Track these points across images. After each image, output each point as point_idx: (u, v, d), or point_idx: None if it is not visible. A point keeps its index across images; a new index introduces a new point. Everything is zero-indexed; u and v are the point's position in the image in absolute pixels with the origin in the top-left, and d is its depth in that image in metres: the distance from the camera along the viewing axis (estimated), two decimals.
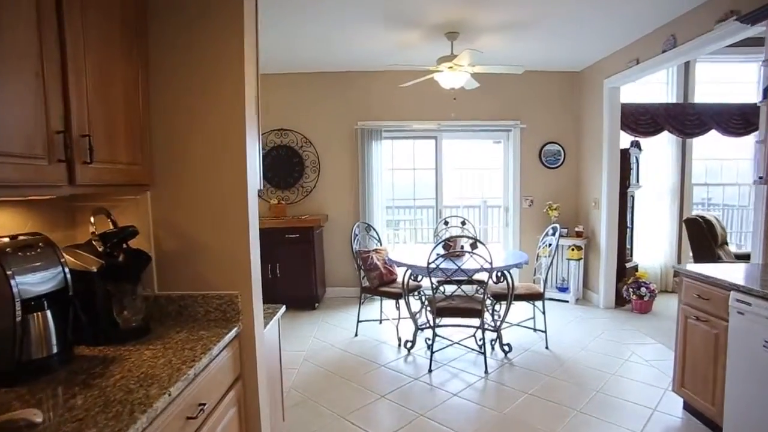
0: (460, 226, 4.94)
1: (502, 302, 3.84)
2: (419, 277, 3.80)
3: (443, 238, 4.76)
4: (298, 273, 5.08)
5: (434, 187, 5.68)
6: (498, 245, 6.03)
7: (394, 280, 4.25)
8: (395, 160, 5.77)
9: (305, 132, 5.63)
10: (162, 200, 1.73)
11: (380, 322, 4.54)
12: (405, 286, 3.78)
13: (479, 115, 5.47)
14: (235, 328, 1.67)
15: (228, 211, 1.73)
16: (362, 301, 4.28)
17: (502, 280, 3.62)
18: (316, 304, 5.22)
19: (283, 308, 2.47)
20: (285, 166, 5.64)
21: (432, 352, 3.54)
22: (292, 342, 4.15)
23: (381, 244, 4.70)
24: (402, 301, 3.86)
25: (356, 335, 4.27)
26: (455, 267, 3.32)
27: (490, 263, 3.28)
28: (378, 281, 4.15)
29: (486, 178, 6.03)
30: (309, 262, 5.06)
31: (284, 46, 4.55)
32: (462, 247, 3.75)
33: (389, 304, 4.47)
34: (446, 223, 4.98)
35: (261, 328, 1.86)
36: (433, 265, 3.33)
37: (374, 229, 4.75)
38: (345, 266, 5.61)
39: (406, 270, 3.73)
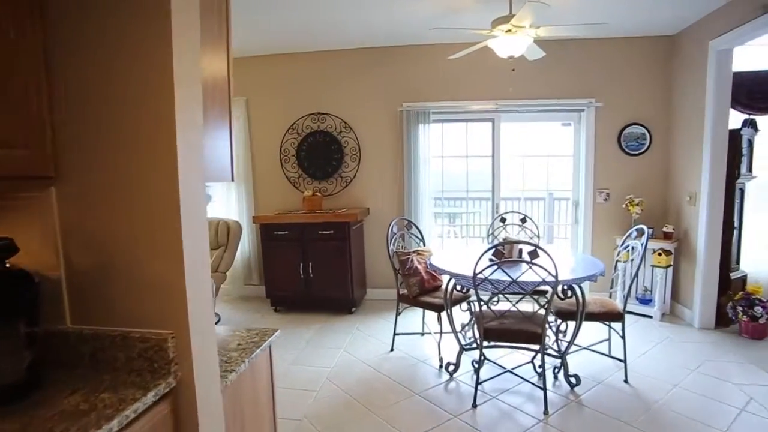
0: (520, 224, 4.18)
1: (570, 321, 3.09)
2: (466, 288, 3.14)
3: (497, 239, 4.04)
4: (333, 273, 4.57)
5: (490, 177, 4.93)
6: (565, 243, 5.19)
7: (438, 288, 3.61)
8: (445, 147, 5.08)
9: (344, 116, 5.09)
10: (73, 200, 1.22)
11: (422, 335, 3.93)
12: (447, 297, 3.13)
13: (544, 92, 4.63)
14: (161, 387, 1.14)
15: (155, 218, 1.19)
16: (399, 311, 3.69)
17: (569, 294, 2.87)
18: (353, 309, 4.70)
19: (277, 333, 1.92)
20: (322, 154, 5.14)
21: (478, 382, 2.88)
22: (318, 355, 3.65)
23: (424, 244, 4.07)
24: (444, 314, 3.22)
25: (392, 350, 3.69)
26: (509, 279, 2.63)
27: (555, 276, 2.55)
28: (418, 289, 3.53)
29: (552, 166, 5.17)
30: (344, 261, 4.54)
31: (317, 20, 4.01)
32: (519, 254, 3.04)
33: (433, 314, 3.85)
34: (503, 220, 4.24)
35: (212, 386, 1.32)
36: (480, 276, 2.66)
37: (416, 227, 4.12)
38: (388, 266, 4.97)
39: (450, 278, 3.08)
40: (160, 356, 1.19)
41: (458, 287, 3.12)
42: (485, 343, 2.82)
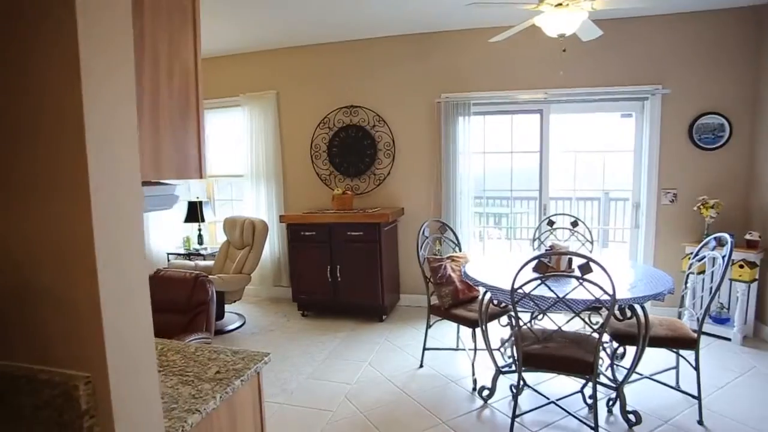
0: (570, 228, 3.69)
1: (629, 346, 2.61)
2: (504, 304, 2.72)
3: (544, 246, 3.58)
4: (362, 278, 4.26)
5: (537, 175, 4.44)
6: (623, 247, 4.61)
7: (474, 299, 3.21)
8: (487, 141, 4.63)
9: (378, 109, 4.76)
10: None
11: (456, 351, 3.54)
12: (482, 311, 2.73)
13: (601, 78, 4.08)
14: None
15: (60, 223, 0.90)
16: (430, 323, 3.32)
17: (629, 315, 2.39)
18: (384, 317, 4.37)
19: (266, 359, 1.62)
20: (355, 149, 4.84)
21: (515, 412, 2.46)
22: (340, 368, 3.34)
23: (460, 249, 3.67)
24: (479, 331, 2.82)
25: (421, 366, 3.33)
26: (555, 296, 2.20)
27: (612, 294, 2.10)
28: (451, 300, 3.15)
29: (609, 163, 4.60)
30: (375, 265, 4.21)
31: (347, 7, 3.72)
32: (569, 264, 2.59)
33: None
34: (551, 223, 3.77)
35: None
36: (520, 292, 2.25)
37: (451, 230, 3.72)
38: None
39: (485, 291, 2.68)
40: (70, 406, 0.91)
41: (495, 301, 2.71)
42: (525, 368, 2.41)
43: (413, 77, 4.59)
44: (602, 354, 2.59)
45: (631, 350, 2.60)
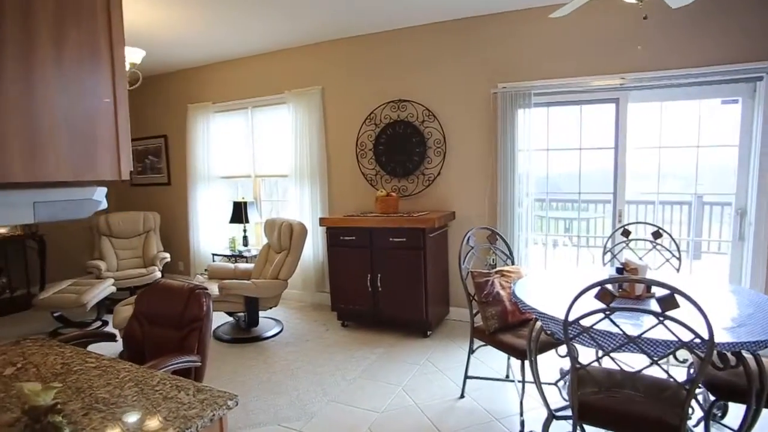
0: (651, 240, 3.03)
1: (734, 402, 1.98)
2: (558, 335, 2.19)
3: (617, 261, 2.98)
4: (404, 289, 3.86)
5: (611, 175, 3.78)
6: (720, 261, 3.79)
7: (526, 322, 2.70)
8: (551, 136, 4.03)
9: (427, 102, 4.33)
10: None
11: (506, 378, 3.03)
12: (532, 340, 2.23)
13: (694, 56, 3.34)
14: None
15: None
16: (473, 348, 2.84)
17: (735, 363, 1.78)
18: (428, 332, 3.93)
19: (231, 403, 1.28)
20: (402, 147, 4.45)
21: None
22: (369, 392, 2.97)
23: (512, 262, 3.14)
24: (527, 363, 2.31)
25: (462, 396, 2.87)
26: (623, 334, 1.66)
27: (709, 338, 1.53)
28: (498, 323, 2.65)
29: (704, 160, 3.80)
30: (418, 275, 3.79)
31: None
32: (646, 290, 2.01)
33: None
34: (626, 233, 3.13)
35: None
36: (577, 326, 1.73)
37: (502, 238, 3.19)
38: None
39: (535, 318, 2.18)
40: None
41: (550, 332, 2.20)
42: (583, 422, 1.88)
43: (466, 66, 4.11)
44: (694, 406, 1.99)
45: (736, 408, 1.97)
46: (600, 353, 1.74)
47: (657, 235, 2.99)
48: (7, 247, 5.35)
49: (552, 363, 2.67)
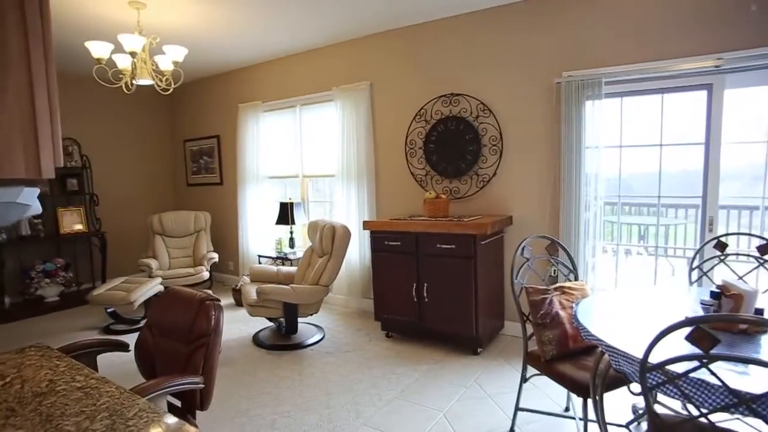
0: (758, 255, 2.46)
1: None
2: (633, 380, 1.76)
3: (712, 283, 2.46)
4: (453, 300, 3.51)
5: (701, 175, 3.19)
6: None
7: (590, 349, 2.27)
8: (626, 131, 3.49)
9: (482, 96, 3.94)
10: None
11: (565, 413, 2.59)
12: (597, 377, 1.81)
13: None
14: None
15: None
16: (526, 377, 2.43)
17: None
18: (479, 349, 3.54)
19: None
20: (454, 145, 4.09)
21: None
22: (405, 417, 2.65)
23: (575, 277, 2.69)
24: (590, 402, 1.90)
25: (512, 430, 2.47)
26: (725, 390, 1.23)
27: None
28: (556, 349, 2.24)
29: None
30: (467, 285, 3.42)
31: None
32: (755, 327, 1.54)
33: None
34: (721, 246, 2.57)
35: None
36: (660, 373, 1.32)
37: (563, 249, 2.74)
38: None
39: (600, 349, 1.77)
40: None
41: (617, 364, 1.77)
42: None
43: (526, 54, 3.68)
44: None
45: None
46: (691, 407, 1.32)
47: (765, 249, 2.42)
48: (75, 243, 5.60)
49: (623, 398, 2.22)
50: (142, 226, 6.03)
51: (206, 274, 5.07)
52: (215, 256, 5.31)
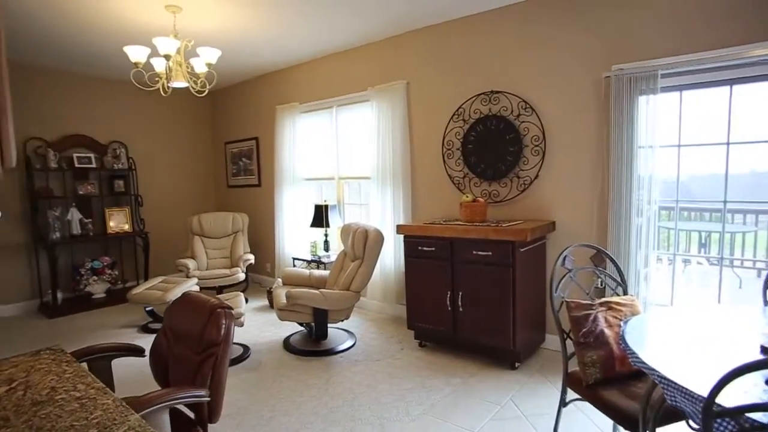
0: None
1: None
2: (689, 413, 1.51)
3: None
4: (489, 311, 3.30)
5: None
6: None
7: (639, 373, 2.00)
8: (684, 128, 3.15)
9: (523, 93, 3.70)
10: None
11: None
12: (648, 409, 1.57)
13: None
14: None
15: None
16: (565, 401, 2.20)
17: None
18: (517, 364, 3.31)
19: None
20: (494, 145, 3.87)
21: None
22: None
23: (624, 291, 2.41)
24: None
25: None
26: None
27: None
28: (600, 372, 2.00)
29: None
30: (505, 295, 3.20)
31: None
32: None
33: None
34: None
35: None
36: (730, 417, 1.09)
37: (611, 259, 2.47)
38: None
39: (653, 376, 1.53)
40: None
41: (674, 404, 1.52)
42: None
43: (571, 46, 3.41)
44: None
45: None
46: None
47: None
48: (121, 242, 5.80)
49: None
50: (184, 227, 6.18)
51: (242, 276, 5.09)
52: (251, 258, 5.33)
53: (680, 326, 1.84)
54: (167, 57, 3.32)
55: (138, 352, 1.98)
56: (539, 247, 3.53)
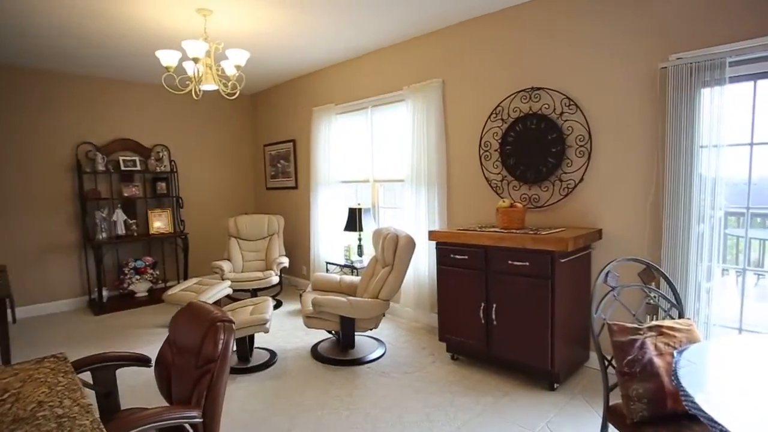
0: None
1: None
2: None
3: None
4: (525, 326, 3.03)
5: None
6: None
7: (689, 414, 1.70)
8: (759, 122, 2.75)
9: (567, 89, 3.40)
10: None
11: None
12: None
13: None
14: None
15: None
16: None
17: None
18: (555, 385, 3.02)
19: None
20: (534, 146, 3.59)
21: None
22: None
23: (680, 314, 2.09)
24: None
25: None
26: None
27: None
28: (648, 409, 1.72)
29: None
30: (543, 310, 2.93)
31: None
32: None
33: None
34: None
35: None
36: None
37: (663, 276, 2.15)
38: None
39: (714, 430, 1.26)
40: None
41: None
42: None
43: (620, 35, 3.09)
44: None
45: None
46: None
47: None
48: (163, 243, 5.96)
49: None
50: (221, 228, 6.26)
51: (275, 279, 5.06)
52: (285, 261, 5.29)
53: (751, 359, 1.54)
54: (195, 60, 3.31)
55: (144, 362, 1.92)
56: (583, 258, 3.22)
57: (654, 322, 1.90)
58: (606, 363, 1.89)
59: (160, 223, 5.79)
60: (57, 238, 5.32)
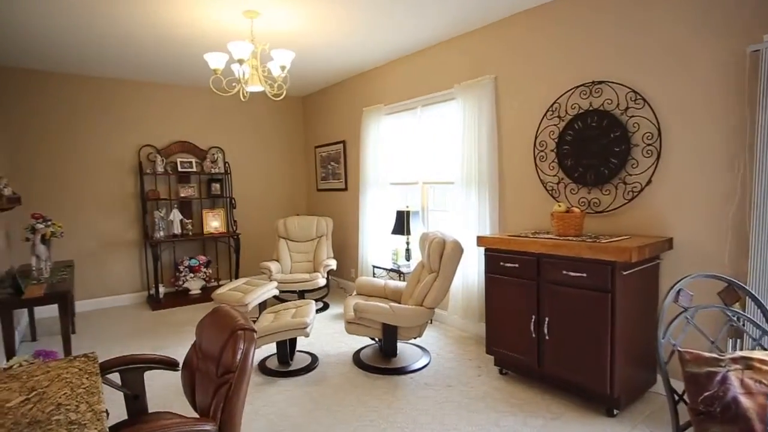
0: None
1: None
2: None
3: None
4: (582, 343, 2.75)
5: None
6: None
7: None
8: None
9: (632, 82, 3.08)
10: None
11: None
12: None
13: None
14: None
15: None
16: None
17: None
18: (615, 411, 2.71)
19: None
20: (596, 146, 3.29)
21: None
22: None
23: None
24: None
25: None
26: None
27: None
28: None
29: None
30: (602, 326, 2.64)
31: None
32: None
33: None
34: None
35: None
36: None
37: (753, 298, 1.82)
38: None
39: None
40: None
41: None
42: None
43: (702, 14, 2.73)
44: None
45: None
46: None
47: None
48: (216, 242, 6.13)
49: None
50: (272, 229, 6.35)
51: (322, 281, 5.03)
52: (332, 264, 5.25)
53: None
54: (240, 61, 3.32)
55: (172, 365, 1.89)
56: (650, 270, 2.89)
57: (739, 353, 1.60)
58: (676, 397, 1.62)
59: (214, 223, 5.96)
60: (119, 236, 5.60)
